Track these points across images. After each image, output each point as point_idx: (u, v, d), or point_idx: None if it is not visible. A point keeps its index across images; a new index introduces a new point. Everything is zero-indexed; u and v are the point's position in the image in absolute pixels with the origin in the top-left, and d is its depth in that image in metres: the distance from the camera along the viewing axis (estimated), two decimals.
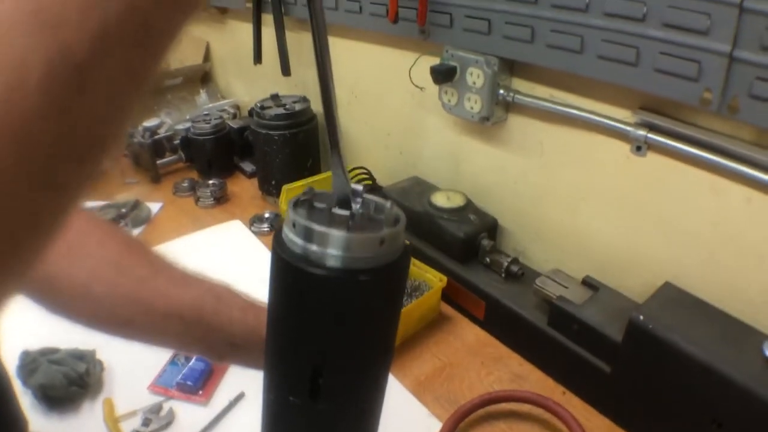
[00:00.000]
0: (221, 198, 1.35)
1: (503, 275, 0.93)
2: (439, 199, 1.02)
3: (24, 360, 0.77)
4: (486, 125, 0.96)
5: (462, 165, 1.08)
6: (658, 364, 0.69)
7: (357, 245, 0.32)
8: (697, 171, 0.72)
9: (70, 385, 0.75)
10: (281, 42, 1.31)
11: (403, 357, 0.89)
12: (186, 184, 1.39)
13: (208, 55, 1.83)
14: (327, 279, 0.32)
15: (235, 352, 0.50)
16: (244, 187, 1.43)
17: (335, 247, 0.32)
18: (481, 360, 0.89)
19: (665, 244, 0.80)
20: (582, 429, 0.72)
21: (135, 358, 0.77)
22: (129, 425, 0.75)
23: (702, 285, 0.75)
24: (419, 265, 0.97)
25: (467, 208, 1.01)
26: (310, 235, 0.32)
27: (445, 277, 0.94)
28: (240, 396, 0.80)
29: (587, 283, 0.86)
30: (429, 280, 0.96)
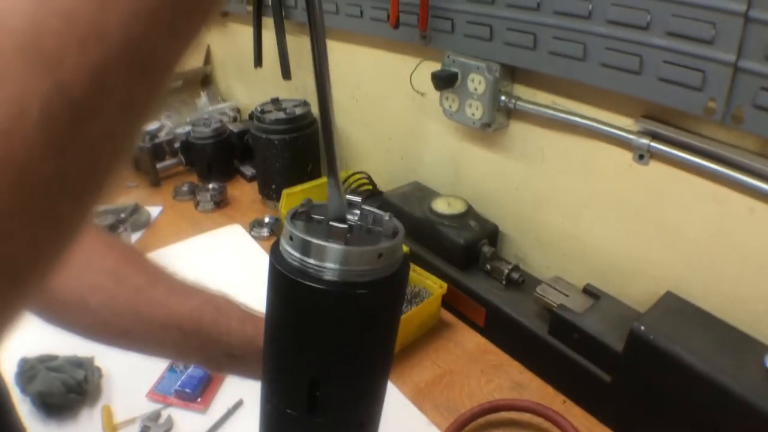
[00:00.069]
0: (221, 202, 1.35)
1: (504, 282, 0.93)
2: (440, 205, 1.01)
3: (22, 367, 0.76)
4: (487, 131, 0.95)
5: (463, 171, 1.08)
6: (659, 374, 0.68)
7: (355, 259, 0.32)
8: (700, 180, 0.72)
9: (68, 393, 0.75)
10: (282, 46, 1.31)
11: (403, 364, 0.88)
12: (186, 188, 1.39)
13: (208, 58, 1.83)
14: (324, 293, 0.32)
15: (234, 362, 0.49)
16: (244, 191, 1.43)
17: (333, 261, 0.32)
18: (481, 367, 0.88)
19: (667, 252, 0.79)
20: None
21: (133, 365, 0.76)
22: None
23: (704, 294, 0.74)
24: (419, 272, 0.97)
25: (468, 214, 1.00)
26: (307, 249, 0.32)
27: (446, 284, 0.94)
28: (239, 404, 0.79)
29: (588, 292, 0.85)
30: (429, 286, 0.95)
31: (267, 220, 1.26)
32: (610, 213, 0.85)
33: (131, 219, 1.22)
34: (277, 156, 1.26)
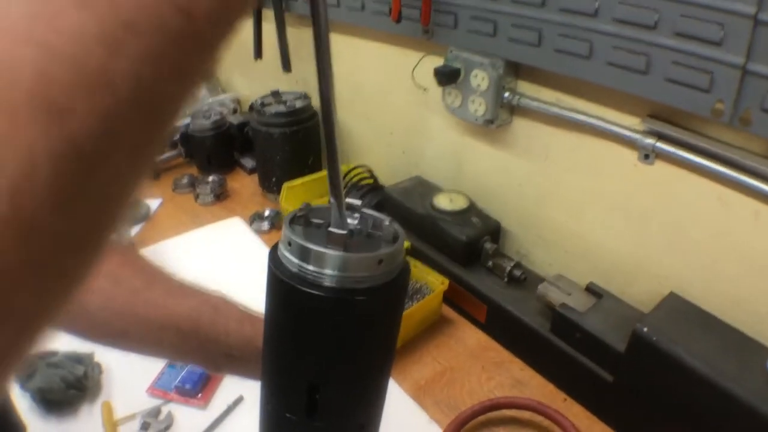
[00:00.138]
0: (221, 194, 1.34)
1: (506, 279, 0.92)
2: (442, 201, 1.01)
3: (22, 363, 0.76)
4: (490, 128, 0.94)
5: (465, 166, 1.07)
6: (660, 376, 0.68)
7: (354, 265, 0.32)
8: (705, 181, 0.71)
9: (68, 389, 0.75)
10: (282, 38, 1.29)
11: (404, 360, 0.88)
12: (185, 180, 1.38)
13: None
14: (323, 299, 0.31)
15: (232, 362, 0.49)
16: (244, 184, 1.42)
17: (332, 267, 0.31)
18: (482, 364, 0.88)
19: (670, 252, 0.79)
20: None
21: (133, 360, 0.75)
22: (128, 429, 0.75)
23: (706, 295, 0.74)
24: (421, 268, 0.96)
25: (470, 210, 1.00)
26: (306, 255, 0.31)
27: (447, 280, 0.93)
28: (239, 400, 0.79)
29: (591, 290, 0.85)
30: (430, 282, 0.95)
31: (267, 213, 1.25)
32: (613, 212, 0.84)
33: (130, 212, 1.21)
34: (278, 149, 1.25)
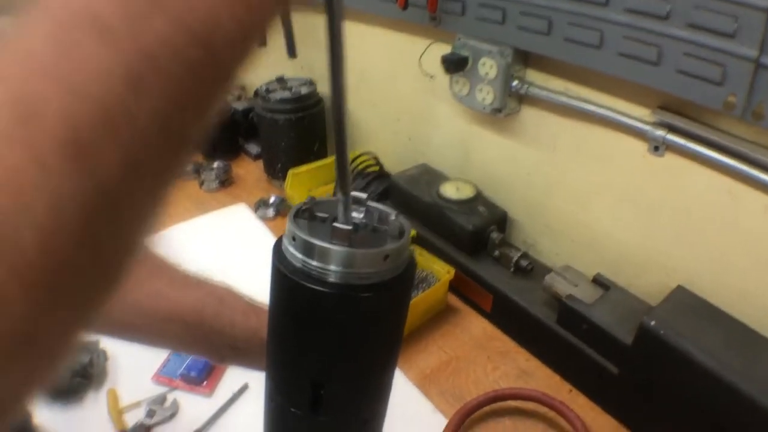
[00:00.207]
0: (226, 181, 1.33)
1: (512, 269, 0.92)
2: (448, 190, 1.00)
3: None
4: (498, 116, 0.93)
5: (472, 154, 1.06)
6: (667, 370, 0.67)
7: (359, 261, 0.31)
8: (716, 174, 0.70)
9: (73, 376, 0.75)
10: (287, 23, 1.28)
11: (409, 349, 0.88)
12: (190, 166, 1.37)
13: None
14: (327, 295, 0.31)
15: (237, 354, 0.49)
16: (249, 170, 1.41)
17: (336, 263, 0.31)
18: (488, 354, 0.88)
19: (678, 245, 0.78)
20: (587, 430, 0.71)
21: (138, 348, 0.76)
22: (133, 416, 0.75)
23: (714, 288, 0.73)
24: (427, 256, 0.96)
25: (477, 199, 0.99)
26: (310, 250, 0.31)
27: (453, 269, 0.93)
28: (244, 387, 0.80)
29: (598, 282, 0.84)
30: (436, 271, 0.94)
31: (272, 199, 1.24)
32: (622, 202, 0.84)
33: None
34: (283, 136, 1.24)
